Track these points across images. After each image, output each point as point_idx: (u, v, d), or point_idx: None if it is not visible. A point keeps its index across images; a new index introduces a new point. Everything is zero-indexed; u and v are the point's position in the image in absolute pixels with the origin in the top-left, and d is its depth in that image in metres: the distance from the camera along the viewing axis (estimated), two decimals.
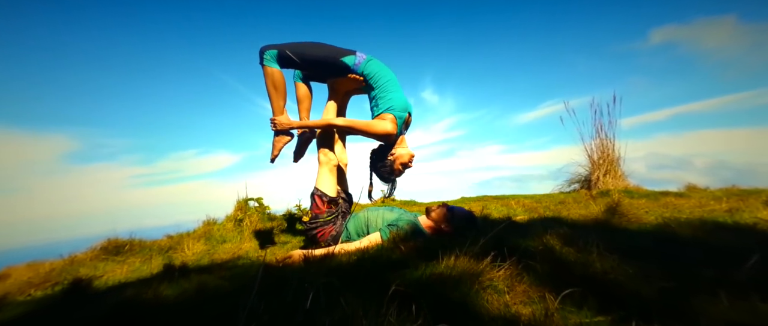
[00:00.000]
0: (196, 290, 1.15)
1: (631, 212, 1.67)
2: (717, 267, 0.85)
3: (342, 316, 0.68)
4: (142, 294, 1.04)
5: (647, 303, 0.66)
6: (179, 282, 1.25)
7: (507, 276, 0.85)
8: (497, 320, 0.70)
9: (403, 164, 1.77)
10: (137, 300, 0.97)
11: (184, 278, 1.32)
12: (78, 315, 1.12)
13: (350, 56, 1.75)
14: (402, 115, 1.73)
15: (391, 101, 1.71)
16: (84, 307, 1.22)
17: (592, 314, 0.69)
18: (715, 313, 0.62)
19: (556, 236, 0.96)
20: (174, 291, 1.15)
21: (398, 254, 1.28)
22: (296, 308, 0.78)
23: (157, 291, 1.09)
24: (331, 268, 1.20)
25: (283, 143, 1.86)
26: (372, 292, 0.82)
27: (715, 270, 0.81)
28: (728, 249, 1.08)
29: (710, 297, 0.67)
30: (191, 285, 1.20)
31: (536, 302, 0.76)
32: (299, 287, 0.88)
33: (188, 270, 1.53)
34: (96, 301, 1.31)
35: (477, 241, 1.01)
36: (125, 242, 2.41)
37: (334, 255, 1.39)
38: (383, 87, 1.74)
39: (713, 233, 1.36)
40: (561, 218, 1.82)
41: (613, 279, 0.73)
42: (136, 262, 2.10)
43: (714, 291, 0.69)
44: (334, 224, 1.71)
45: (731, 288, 0.71)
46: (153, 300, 1.01)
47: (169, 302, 1.03)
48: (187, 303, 1.03)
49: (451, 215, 1.56)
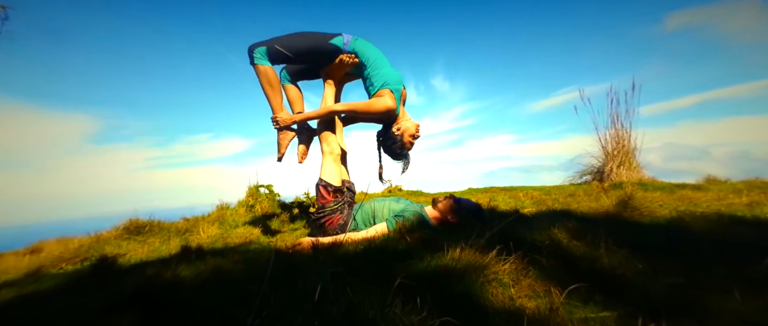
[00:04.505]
0: (212, 272, 1.20)
1: (643, 206, 1.62)
2: (731, 262, 0.83)
3: (349, 306, 0.70)
4: (162, 273, 1.10)
5: (655, 300, 0.65)
6: (195, 264, 1.31)
7: (512, 270, 0.85)
8: (501, 313, 0.71)
9: (412, 135, 1.77)
10: (158, 280, 1.02)
11: (201, 260, 1.38)
12: (105, 292, 1.18)
13: (338, 37, 1.75)
14: (398, 87, 1.72)
15: (385, 75, 1.71)
16: (110, 284, 1.29)
17: (598, 309, 0.68)
18: (725, 310, 0.60)
19: (563, 230, 0.95)
20: (191, 273, 1.21)
21: (404, 244, 1.29)
22: (305, 296, 0.80)
23: (175, 271, 1.15)
24: (339, 257, 1.22)
25: (288, 140, 1.88)
26: (378, 283, 0.83)
27: (728, 266, 0.79)
28: (745, 244, 1.05)
29: (721, 294, 0.66)
30: (207, 267, 1.27)
31: (541, 296, 0.76)
32: (308, 276, 0.91)
33: (204, 253, 1.59)
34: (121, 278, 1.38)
35: (483, 234, 1.01)
36: (145, 223, 2.55)
37: (342, 244, 1.42)
38: (374, 64, 1.73)
39: (730, 228, 1.32)
40: (570, 211, 1.79)
41: (621, 275, 0.72)
42: (156, 242, 2.20)
43: (726, 287, 0.68)
44: (342, 212, 1.73)
45: (744, 284, 0.69)
46: (172, 280, 1.06)
47: (186, 282, 1.08)
48: (203, 284, 1.08)
49: (458, 206, 1.56)
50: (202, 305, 0.88)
